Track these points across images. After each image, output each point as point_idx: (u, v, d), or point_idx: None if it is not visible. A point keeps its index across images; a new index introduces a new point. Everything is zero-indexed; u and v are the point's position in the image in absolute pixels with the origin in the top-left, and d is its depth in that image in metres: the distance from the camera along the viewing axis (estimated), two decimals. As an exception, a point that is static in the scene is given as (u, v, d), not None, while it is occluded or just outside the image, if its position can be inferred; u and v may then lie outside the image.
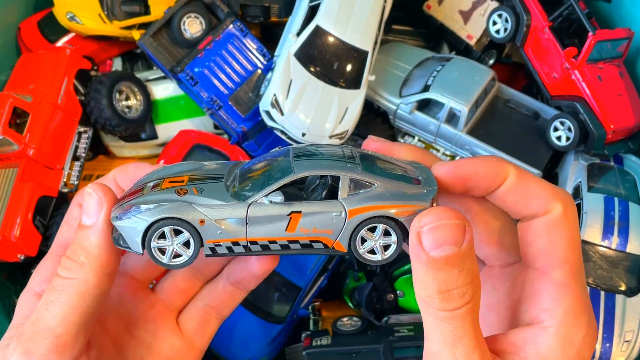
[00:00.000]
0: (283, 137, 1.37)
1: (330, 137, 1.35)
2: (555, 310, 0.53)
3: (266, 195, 0.54)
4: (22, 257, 1.28)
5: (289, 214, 0.54)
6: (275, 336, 1.38)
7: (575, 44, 1.36)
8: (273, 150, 0.62)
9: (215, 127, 1.58)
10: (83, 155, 1.44)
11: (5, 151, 1.33)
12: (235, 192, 0.56)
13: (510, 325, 0.58)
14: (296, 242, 0.56)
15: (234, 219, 0.54)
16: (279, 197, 0.54)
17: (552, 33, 1.35)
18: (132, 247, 0.57)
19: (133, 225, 0.55)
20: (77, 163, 1.42)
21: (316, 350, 1.23)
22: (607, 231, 1.26)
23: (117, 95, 1.48)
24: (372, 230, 0.55)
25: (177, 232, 0.55)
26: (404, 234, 0.55)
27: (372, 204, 0.54)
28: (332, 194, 0.55)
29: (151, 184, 0.59)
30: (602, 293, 1.22)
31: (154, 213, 0.54)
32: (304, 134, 1.33)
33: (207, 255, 0.57)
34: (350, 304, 1.41)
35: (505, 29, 1.43)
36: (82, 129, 1.45)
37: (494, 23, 1.45)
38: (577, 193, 1.34)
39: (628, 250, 1.24)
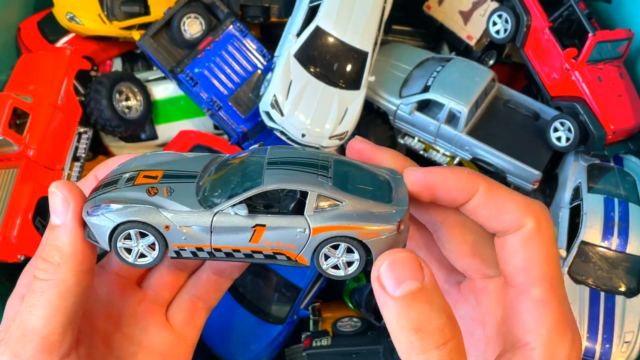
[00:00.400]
0: (283, 137, 1.37)
1: (330, 137, 1.35)
2: (539, 330, 0.52)
3: (232, 206, 0.54)
4: (22, 258, 1.28)
5: (253, 227, 0.54)
6: (275, 337, 1.38)
7: (575, 45, 1.36)
8: (253, 147, 0.63)
9: (215, 127, 1.58)
10: (83, 155, 1.44)
11: (5, 152, 1.33)
12: (204, 197, 0.56)
13: (497, 340, 0.57)
14: (260, 252, 0.56)
15: (198, 226, 0.55)
16: (243, 211, 0.54)
17: (552, 34, 1.35)
18: (100, 243, 0.57)
19: (101, 224, 0.55)
20: (77, 164, 1.43)
21: (316, 351, 1.24)
22: (607, 232, 1.26)
23: (117, 95, 1.48)
24: (336, 247, 0.55)
25: (144, 235, 0.56)
26: (367, 252, 0.55)
27: (337, 223, 0.54)
28: (301, 206, 0.55)
29: (127, 175, 0.59)
30: (602, 294, 1.22)
31: (121, 214, 0.55)
32: (303, 135, 1.33)
33: (172, 257, 0.58)
34: (350, 305, 1.41)
35: (505, 30, 1.43)
36: (82, 130, 1.45)
37: (494, 23, 1.45)
38: (577, 194, 1.34)
39: (628, 251, 1.24)
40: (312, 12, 1.37)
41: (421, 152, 1.53)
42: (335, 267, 0.56)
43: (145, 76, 1.58)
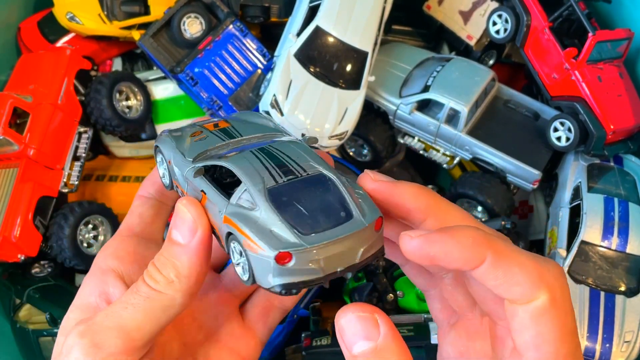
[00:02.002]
0: (283, 137, 1.37)
1: (330, 137, 1.35)
2: None
3: (192, 167, 0.58)
4: (22, 257, 1.28)
5: (200, 190, 0.58)
6: (275, 336, 1.38)
7: (575, 45, 1.36)
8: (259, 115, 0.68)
9: (215, 127, 1.57)
10: (83, 155, 1.44)
11: (5, 151, 1.33)
12: (201, 153, 0.61)
13: None
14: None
15: (179, 172, 0.61)
16: (191, 172, 0.58)
17: (552, 33, 1.35)
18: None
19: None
20: (77, 163, 1.43)
21: (316, 351, 1.23)
22: (607, 232, 1.26)
23: (117, 95, 1.48)
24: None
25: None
26: (256, 264, 0.52)
27: (235, 220, 0.52)
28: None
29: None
30: (602, 293, 1.22)
31: (158, 141, 0.66)
32: (303, 135, 1.33)
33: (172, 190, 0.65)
34: (350, 304, 1.41)
35: (505, 30, 1.43)
36: (82, 129, 1.46)
37: (494, 23, 1.45)
38: (577, 193, 1.34)
39: (628, 250, 1.24)
40: (312, 12, 1.37)
41: (421, 152, 1.53)
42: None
43: (145, 76, 1.58)
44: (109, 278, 0.62)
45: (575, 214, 1.32)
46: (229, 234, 0.54)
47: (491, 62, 1.61)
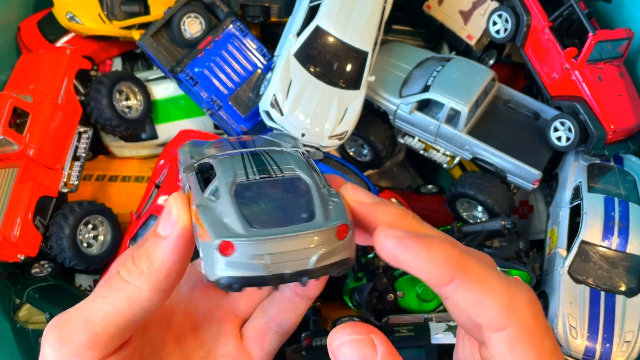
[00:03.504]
0: (283, 137, 1.37)
1: (330, 137, 1.35)
2: None
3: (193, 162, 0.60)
4: (22, 257, 1.28)
5: (188, 187, 0.60)
6: (275, 336, 1.38)
7: (575, 45, 1.36)
8: (269, 133, 0.68)
9: (216, 127, 1.58)
10: (83, 155, 1.44)
11: (5, 151, 1.33)
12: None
13: None
14: None
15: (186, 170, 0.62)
16: (182, 166, 0.61)
17: (552, 33, 1.35)
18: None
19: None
20: (77, 163, 1.42)
21: (316, 351, 1.23)
22: (607, 231, 1.26)
23: (117, 95, 1.48)
24: None
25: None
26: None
27: (199, 212, 0.52)
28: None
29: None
30: (602, 293, 1.22)
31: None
32: (303, 134, 1.33)
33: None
34: (350, 305, 1.41)
35: (506, 29, 1.43)
36: (82, 129, 1.45)
37: (494, 23, 1.45)
38: (577, 193, 1.34)
39: (628, 250, 1.24)
40: (312, 12, 1.37)
41: (421, 152, 1.53)
42: None
43: (145, 76, 1.58)
44: None
45: (576, 213, 1.32)
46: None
47: (491, 62, 1.61)
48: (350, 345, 0.47)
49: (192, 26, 1.47)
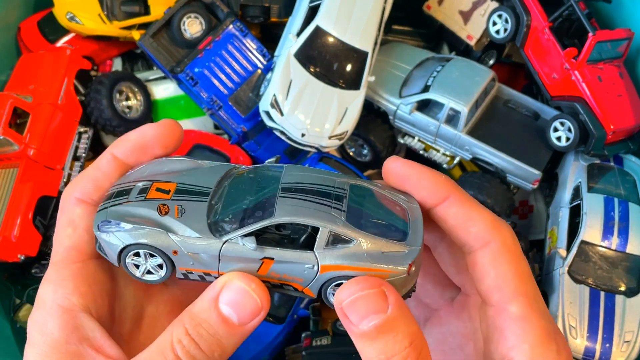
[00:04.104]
0: (282, 137, 1.37)
1: (330, 137, 1.35)
2: (521, 346, 0.52)
3: (242, 237, 0.53)
4: (22, 257, 1.28)
5: (261, 259, 0.54)
6: (275, 336, 1.38)
7: (575, 45, 1.36)
8: (269, 161, 0.62)
9: (216, 127, 1.58)
10: (83, 155, 1.44)
11: (5, 151, 1.33)
12: (215, 221, 0.55)
13: (486, 355, 0.56)
14: (267, 281, 0.55)
15: (206, 254, 0.54)
16: (252, 244, 0.53)
17: (552, 33, 1.35)
18: (109, 258, 0.57)
19: (111, 241, 0.55)
20: (78, 163, 1.43)
21: (316, 351, 1.23)
22: (607, 232, 1.26)
23: (118, 95, 1.48)
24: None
25: (152, 255, 0.56)
26: None
27: (346, 263, 0.53)
28: (312, 240, 0.54)
29: (140, 185, 0.57)
30: (602, 293, 1.22)
31: (130, 236, 0.54)
32: (303, 135, 1.33)
33: (179, 278, 0.57)
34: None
35: (505, 30, 1.43)
36: (82, 129, 1.46)
37: (494, 23, 1.45)
38: (577, 193, 1.34)
39: (628, 250, 1.24)
40: (312, 12, 1.37)
41: (421, 152, 1.53)
42: None
43: (146, 76, 1.58)
44: (83, 321, 0.55)
45: (575, 214, 1.32)
46: (330, 279, 0.53)
47: (491, 62, 1.61)
48: (364, 299, 0.49)
49: (192, 26, 1.47)
